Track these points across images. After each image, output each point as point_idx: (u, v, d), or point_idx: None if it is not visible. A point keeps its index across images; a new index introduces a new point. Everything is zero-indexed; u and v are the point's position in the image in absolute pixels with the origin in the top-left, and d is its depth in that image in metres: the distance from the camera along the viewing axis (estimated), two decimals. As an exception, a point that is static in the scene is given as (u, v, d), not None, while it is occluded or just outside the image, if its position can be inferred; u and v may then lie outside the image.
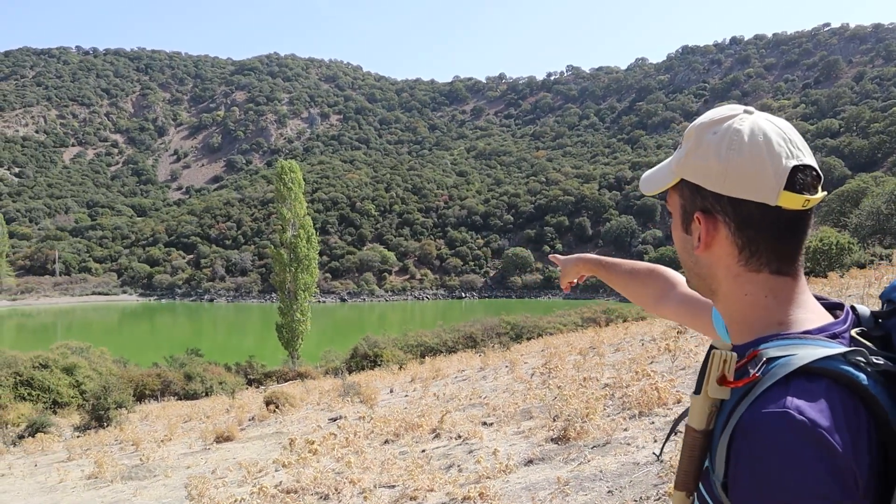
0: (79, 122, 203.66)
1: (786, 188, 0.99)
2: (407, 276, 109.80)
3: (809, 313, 1.04)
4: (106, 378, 19.61)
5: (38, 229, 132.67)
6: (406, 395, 14.08)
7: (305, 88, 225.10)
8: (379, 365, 23.52)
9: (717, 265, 1.08)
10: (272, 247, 37.80)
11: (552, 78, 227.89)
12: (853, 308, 1.07)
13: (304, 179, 37.63)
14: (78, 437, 14.69)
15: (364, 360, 24.86)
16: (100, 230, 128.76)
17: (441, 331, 28.75)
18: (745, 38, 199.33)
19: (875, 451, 0.91)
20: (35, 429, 15.15)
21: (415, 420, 9.62)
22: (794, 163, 1.01)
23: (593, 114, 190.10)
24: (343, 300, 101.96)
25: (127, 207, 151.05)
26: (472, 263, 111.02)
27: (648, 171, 1.23)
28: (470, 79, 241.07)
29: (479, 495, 5.59)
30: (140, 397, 20.85)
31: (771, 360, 0.96)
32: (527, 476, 6.04)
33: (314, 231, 35.76)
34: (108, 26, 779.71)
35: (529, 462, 6.44)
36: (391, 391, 15.34)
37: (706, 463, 1.00)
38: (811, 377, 0.93)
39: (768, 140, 1.02)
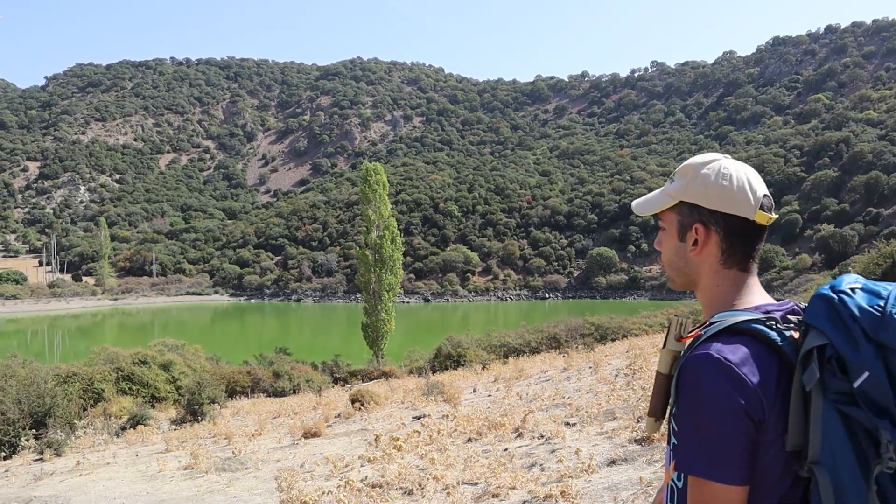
0: (173, 129, 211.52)
1: (759, 209, 1.48)
2: (490, 277, 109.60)
3: (756, 298, 1.50)
4: (200, 374, 20.29)
5: (137, 232, 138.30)
6: (489, 395, 14.11)
7: (388, 91, 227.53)
8: (462, 365, 23.58)
9: (703, 264, 1.53)
10: (357, 248, 38.49)
11: (636, 74, 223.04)
12: (804, 306, 1.44)
13: (388, 181, 37.96)
14: (174, 429, 15.26)
15: (447, 360, 24.97)
16: (193, 233, 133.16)
17: (524, 331, 28.59)
18: (842, 26, 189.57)
19: (785, 389, 1.32)
20: (136, 421, 15.80)
21: (497, 419, 9.66)
22: (763, 191, 1.50)
23: (679, 110, 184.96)
24: (427, 300, 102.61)
25: (218, 210, 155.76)
26: (555, 264, 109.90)
27: (641, 199, 1.66)
28: (552, 77, 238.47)
29: (562, 494, 5.59)
30: (231, 393, 21.48)
31: (711, 323, 1.41)
32: (609, 476, 6.00)
33: (398, 232, 36.07)
34: (199, 37, 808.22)
35: (612, 462, 6.40)
36: (474, 390, 15.39)
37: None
38: (733, 332, 1.36)
39: (748, 175, 1.50)
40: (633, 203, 1.69)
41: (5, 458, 12.90)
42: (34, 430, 13.80)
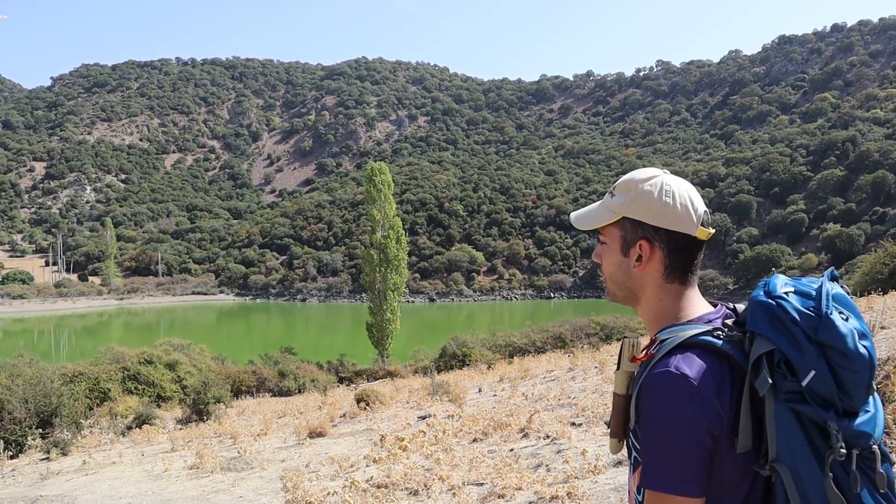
0: (179, 129, 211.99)
1: (700, 225, 1.53)
2: (495, 276, 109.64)
3: (697, 308, 1.56)
4: (205, 374, 20.33)
5: (143, 232, 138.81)
6: (494, 395, 14.09)
7: (393, 91, 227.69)
8: (467, 364, 23.56)
9: (647, 279, 1.57)
10: (362, 247, 38.45)
11: (641, 74, 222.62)
12: (734, 307, 1.58)
13: (393, 181, 38.01)
14: (180, 429, 15.29)
15: (453, 360, 24.96)
16: (198, 232, 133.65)
17: (529, 331, 28.54)
18: (848, 25, 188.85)
19: (737, 395, 1.39)
20: (141, 420, 15.84)
21: (503, 419, 9.64)
22: (703, 208, 1.54)
23: (684, 109, 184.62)
24: (432, 300, 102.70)
25: (223, 210, 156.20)
26: (560, 263, 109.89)
27: (580, 212, 1.72)
28: (557, 77, 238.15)
29: (568, 495, 5.57)
30: (237, 393, 21.53)
31: (662, 340, 1.47)
32: (615, 477, 5.98)
33: (403, 231, 36.13)
34: (205, 37, 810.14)
35: (619, 463, 6.37)
36: (479, 390, 15.38)
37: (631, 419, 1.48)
38: (685, 347, 1.42)
39: (689, 192, 1.55)
40: (572, 216, 1.75)
41: (12, 458, 12.92)
42: (40, 430, 13.84)
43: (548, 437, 8.23)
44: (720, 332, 1.45)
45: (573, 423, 8.81)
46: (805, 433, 1.35)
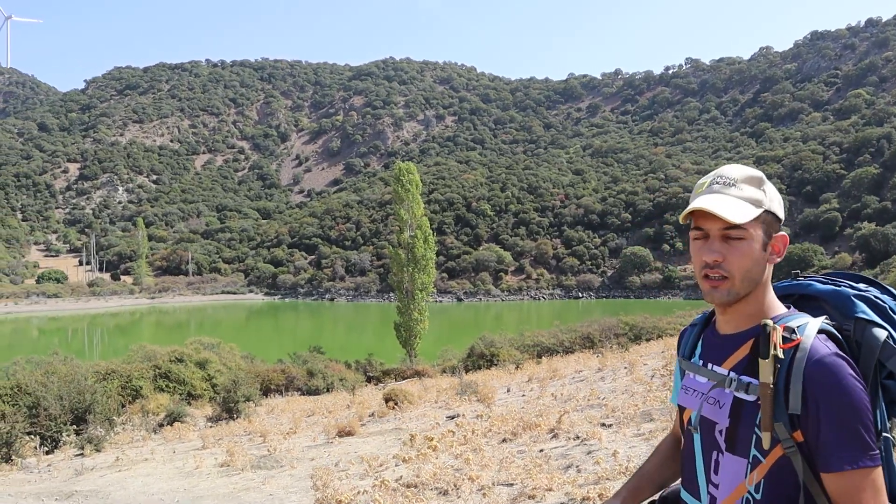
0: (209, 130, 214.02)
1: None
2: (523, 276, 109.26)
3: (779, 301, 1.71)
4: (235, 372, 20.48)
5: (174, 232, 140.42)
6: (523, 395, 14.04)
7: (421, 91, 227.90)
8: (495, 364, 23.50)
9: (768, 273, 1.67)
10: (390, 247, 38.54)
11: (670, 72, 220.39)
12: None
13: (421, 180, 37.98)
14: (210, 427, 15.42)
15: (481, 360, 24.91)
16: (228, 232, 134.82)
17: (558, 331, 28.39)
18: (883, 20, 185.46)
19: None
20: (173, 418, 16.01)
21: (532, 420, 9.60)
22: None
23: (714, 107, 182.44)
24: (459, 300, 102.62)
25: (252, 210, 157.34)
26: (588, 263, 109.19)
27: (722, 203, 1.59)
28: (585, 76, 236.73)
29: (599, 496, 5.52)
30: (266, 391, 21.65)
31: (799, 327, 1.56)
32: (648, 478, 5.90)
33: (431, 231, 36.10)
34: (234, 39, 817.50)
35: (650, 464, 6.30)
36: (508, 390, 15.33)
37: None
38: (821, 334, 1.55)
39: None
40: (710, 206, 1.59)
41: (48, 453, 13.14)
42: (75, 426, 14.05)
43: (578, 437, 8.18)
44: (829, 322, 1.60)
45: (603, 424, 8.74)
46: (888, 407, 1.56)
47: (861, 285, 1.72)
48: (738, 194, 1.61)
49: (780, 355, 1.52)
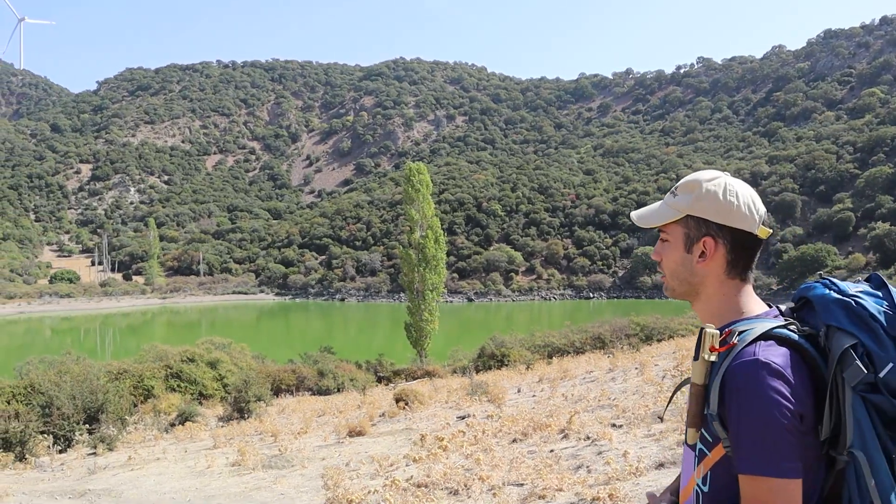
0: (220, 131, 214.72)
1: (761, 224, 1.66)
2: (534, 277, 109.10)
3: (756, 305, 1.68)
4: (246, 372, 20.54)
5: (185, 232, 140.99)
6: (534, 395, 14.03)
7: (431, 91, 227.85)
8: (506, 365, 23.47)
9: (709, 275, 1.69)
10: (401, 247, 38.56)
11: (682, 71, 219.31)
12: (780, 308, 1.70)
13: (431, 181, 37.98)
14: (222, 426, 15.49)
15: (491, 360, 24.87)
16: (239, 233, 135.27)
17: (568, 331, 28.32)
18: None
19: (813, 386, 1.51)
20: (184, 418, 16.09)
21: (543, 420, 9.59)
22: (763, 209, 1.68)
23: (726, 107, 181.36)
24: (470, 300, 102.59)
25: (263, 211, 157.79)
26: (600, 263, 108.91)
27: (642, 211, 1.81)
28: (596, 75, 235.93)
29: (609, 497, 5.52)
30: (277, 391, 21.69)
31: (741, 332, 1.57)
32: (658, 479, 5.91)
33: (441, 231, 36.07)
34: (245, 40, 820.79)
35: (660, 465, 6.30)
36: (518, 391, 15.31)
37: (705, 408, 1.56)
38: (767, 339, 1.54)
39: (751, 193, 1.68)
40: (634, 215, 1.82)
41: (61, 452, 13.24)
42: (87, 425, 14.16)
43: (588, 438, 8.17)
44: (795, 326, 1.58)
45: (614, 425, 8.73)
46: (873, 422, 1.46)
47: (863, 287, 1.65)
48: (668, 200, 1.74)
49: (709, 358, 1.57)
